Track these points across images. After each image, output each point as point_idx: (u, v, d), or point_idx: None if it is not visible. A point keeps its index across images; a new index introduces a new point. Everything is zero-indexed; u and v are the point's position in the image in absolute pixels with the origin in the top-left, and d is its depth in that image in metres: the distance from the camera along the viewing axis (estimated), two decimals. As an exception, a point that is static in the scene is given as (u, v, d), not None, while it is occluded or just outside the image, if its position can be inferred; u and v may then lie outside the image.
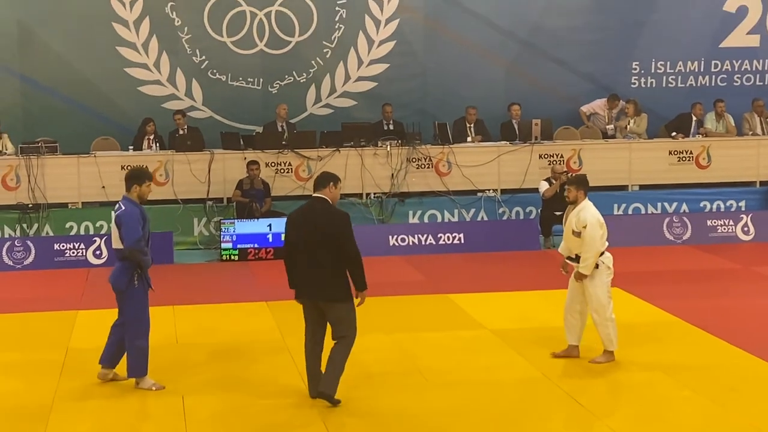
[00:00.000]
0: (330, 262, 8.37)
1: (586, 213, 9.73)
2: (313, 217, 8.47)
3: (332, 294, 8.42)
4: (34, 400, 8.91)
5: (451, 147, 16.81)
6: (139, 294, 9.05)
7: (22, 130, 16.89)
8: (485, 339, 10.75)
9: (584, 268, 9.63)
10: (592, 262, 9.61)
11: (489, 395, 8.93)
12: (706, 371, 9.55)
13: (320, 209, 8.50)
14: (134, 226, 8.90)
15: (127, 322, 9.08)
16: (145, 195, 9.14)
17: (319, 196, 8.57)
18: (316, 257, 8.39)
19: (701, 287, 13.25)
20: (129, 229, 8.90)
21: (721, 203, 17.32)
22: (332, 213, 8.49)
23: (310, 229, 8.42)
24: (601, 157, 17.21)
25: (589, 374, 9.52)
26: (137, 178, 9.13)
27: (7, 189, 15.76)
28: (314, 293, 8.49)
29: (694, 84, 19.00)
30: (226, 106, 17.94)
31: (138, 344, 9.04)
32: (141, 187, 9.09)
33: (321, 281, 8.40)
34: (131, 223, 8.91)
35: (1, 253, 14.86)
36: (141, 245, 8.93)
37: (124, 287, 8.99)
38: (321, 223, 8.40)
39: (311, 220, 8.46)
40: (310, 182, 16.20)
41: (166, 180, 16.11)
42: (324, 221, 8.41)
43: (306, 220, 8.51)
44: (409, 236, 15.95)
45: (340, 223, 8.44)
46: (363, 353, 10.18)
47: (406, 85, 18.36)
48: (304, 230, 8.46)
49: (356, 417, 8.45)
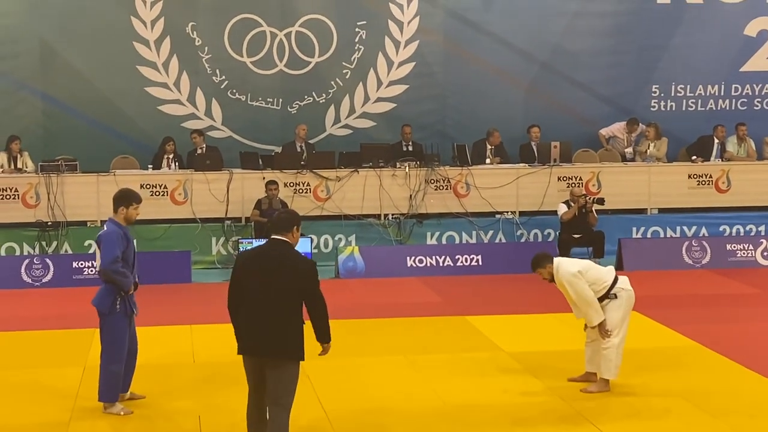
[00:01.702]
0: (286, 313, 7.29)
1: (560, 276, 9.45)
2: (274, 261, 7.35)
3: (283, 350, 7.31)
4: (52, 417, 8.91)
5: (469, 168, 16.80)
6: (120, 318, 8.93)
7: (42, 148, 16.98)
8: (502, 361, 10.71)
9: (591, 322, 9.47)
10: (593, 313, 9.40)
11: (506, 418, 8.89)
12: (725, 396, 9.49)
13: (282, 254, 7.38)
14: (111, 248, 8.79)
15: (104, 345, 8.99)
16: (131, 218, 9.03)
17: (280, 238, 7.45)
18: (271, 307, 7.28)
19: (720, 312, 13.17)
20: (105, 251, 8.80)
21: (741, 227, 17.25)
22: (298, 260, 7.43)
23: (269, 275, 7.30)
24: (620, 180, 17.18)
25: (607, 399, 9.46)
26: (125, 200, 9.03)
27: (27, 206, 15.83)
28: (262, 347, 7.32)
29: (714, 108, 18.97)
30: (246, 125, 18.00)
31: (111, 369, 8.94)
32: (128, 209, 8.99)
33: (272, 334, 7.28)
34: (108, 244, 8.80)
35: (20, 271, 14.92)
36: (116, 267, 8.79)
37: (107, 310, 8.89)
38: (284, 270, 7.30)
39: (271, 264, 7.34)
40: (328, 203, 16.35)
41: (184, 199, 16.16)
42: (288, 268, 7.31)
43: (264, 263, 7.37)
44: (427, 257, 15.94)
45: (309, 271, 7.40)
46: (379, 375, 10.19)
47: (425, 107, 18.39)
48: (261, 275, 7.31)
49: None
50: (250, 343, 7.38)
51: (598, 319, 9.42)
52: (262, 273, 7.32)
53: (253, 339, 7.33)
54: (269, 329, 7.27)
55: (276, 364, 7.30)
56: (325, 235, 16.41)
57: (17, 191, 15.82)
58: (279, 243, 7.45)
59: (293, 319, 7.31)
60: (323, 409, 9.10)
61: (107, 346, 8.98)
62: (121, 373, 9.01)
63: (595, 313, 9.41)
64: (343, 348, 11.27)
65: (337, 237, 16.43)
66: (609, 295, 9.51)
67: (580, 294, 9.38)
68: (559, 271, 9.46)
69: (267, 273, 7.31)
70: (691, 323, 12.22)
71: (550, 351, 11.06)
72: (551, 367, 10.35)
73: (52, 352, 11.18)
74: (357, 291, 14.64)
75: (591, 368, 9.75)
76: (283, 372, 7.32)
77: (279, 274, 7.29)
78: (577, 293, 9.38)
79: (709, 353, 10.98)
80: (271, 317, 7.26)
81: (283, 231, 7.45)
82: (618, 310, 9.54)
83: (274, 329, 7.26)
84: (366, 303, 13.76)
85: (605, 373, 9.52)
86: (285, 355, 7.31)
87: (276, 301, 7.27)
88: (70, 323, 12.42)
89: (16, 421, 8.88)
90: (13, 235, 15.74)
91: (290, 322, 7.29)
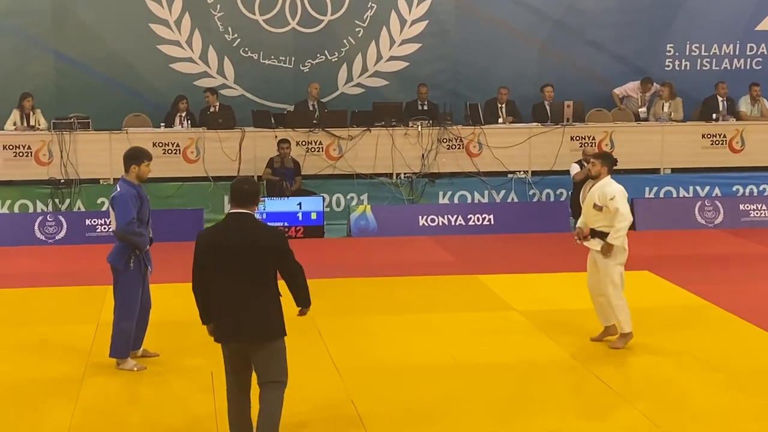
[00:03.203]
0: (262, 292, 6.78)
1: (612, 187, 9.59)
2: (240, 237, 6.74)
3: (265, 331, 6.81)
4: (66, 372, 8.98)
5: (482, 128, 16.74)
6: (133, 276, 8.97)
7: (55, 105, 16.97)
8: (514, 320, 10.74)
9: (615, 239, 9.48)
10: (623, 233, 9.50)
11: (518, 377, 8.92)
12: (736, 355, 9.50)
13: (248, 228, 6.80)
14: (125, 209, 8.80)
15: (117, 302, 9.05)
16: (143, 175, 9.03)
17: (242, 211, 6.85)
18: (245, 287, 6.74)
19: (733, 272, 13.17)
20: (120, 212, 8.82)
21: (754, 187, 17.18)
22: (266, 231, 6.91)
23: (236, 253, 6.71)
24: (633, 140, 17.10)
25: (618, 357, 9.49)
26: (135, 158, 9.02)
27: (39, 164, 15.85)
28: (243, 333, 6.79)
29: (729, 67, 18.84)
30: (258, 84, 17.95)
31: (122, 326, 9.00)
32: (139, 167, 8.98)
33: (251, 316, 6.75)
34: (122, 206, 8.82)
35: (34, 228, 14.99)
36: (132, 227, 8.82)
37: (122, 267, 8.93)
38: (251, 245, 6.72)
39: (236, 241, 6.73)
40: (341, 161, 16.34)
41: (197, 157, 16.17)
42: (255, 242, 6.73)
43: (229, 241, 6.75)
44: (439, 217, 15.95)
45: (279, 242, 6.84)
46: (390, 333, 10.22)
47: (438, 66, 18.30)
48: (227, 254, 6.72)
49: (384, 398, 8.45)
50: (228, 329, 6.81)
51: (620, 241, 9.48)
52: (231, 253, 6.71)
53: (232, 325, 6.77)
54: (248, 312, 6.73)
55: (260, 347, 6.81)
56: (337, 194, 16.41)
57: (30, 149, 15.84)
58: (242, 217, 6.84)
59: (271, 297, 6.79)
60: (335, 367, 9.14)
61: (120, 303, 9.03)
62: (132, 331, 9.05)
63: (624, 235, 9.49)
64: (355, 306, 11.37)
65: (349, 196, 16.42)
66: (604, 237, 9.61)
67: (626, 210, 9.48)
68: (613, 183, 9.61)
69: (236, 252, 6.71)
70: (704, 283, 12.22)
71: (561, 310, 11.08)
72: (563, 325, 10.37)
73: (66, 309, 11.24)
74: (369, 250, 14.67)
75: (607, 321, 9.83)
76: (270, 353, 6.84)
77: (249, 250, 6.71)
78: (624, 208, 9.46)
79: (721, 312, 10.99)
80: (247, 299, 6.73)
81: (248, 204, 6.86)
82: (619, 267, 9.61)
83: (253, 311, 6.74)
84: (378, 262, 13.78)
85: (626, 327, 9.65)
86: (268, 337, 6.81)
87: (250, 281, 6.73)
88: (83, 280, 12.48)
89: (31, 376, 8.95)
90: (26, 193, 15.79)
91: (269, 300, 6.79)
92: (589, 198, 9.75)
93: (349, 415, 8.00)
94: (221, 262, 6.73)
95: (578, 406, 8.32)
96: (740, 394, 8.49)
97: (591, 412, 8.20)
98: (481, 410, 8.12)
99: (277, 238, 6.86)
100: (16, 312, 11.16)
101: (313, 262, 8.98)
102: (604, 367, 9.13)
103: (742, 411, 8.14)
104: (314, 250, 14.26)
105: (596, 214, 9.63)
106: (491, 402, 8.31)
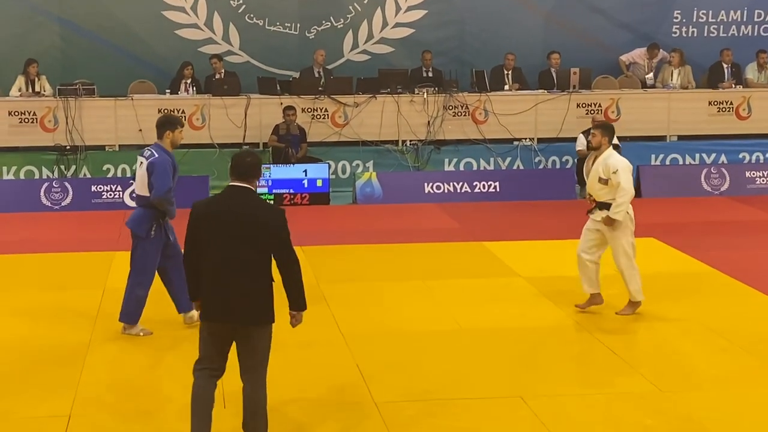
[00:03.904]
0: (254, 273, 6.35)
1: (615, 159, 9.54)
2: (237, 211, 6.38)
3: (257, 315, 6.39)
4: (72, 339, 9.02)
5: (488, 95, 16.70)
6: (154, 244, 8.99)
7: (60, 71, 16.93)
8: (519, 287, 10.76)
9: (617, 214, 9.46)
10: (624, 208, 9.48)
11: (523, 343, 8.94)
12: (742, 321, 9.51)
13: (247, 203, 6.44)
14: (166, 176, 8.81)
15: (134, 269, 9.06)
16: (177, 141, 9.04)
17: (242, 185, 6.48)
18: (237, 267, 6.34)
19: (738, 238, 13.16)
20: (160, 179, 8.79)
21: (761, 155, 17.14)
22: (266, 208, 6.51)
23: (232, 228, 6.34)
24: (639, 107, 17.05)
25: (623, 323, 9.51)
26: (170, 124, 9.01)
27: (45, 130, 15.84)
28: (232, 313, 6.37)
29: (736, 33, 18.74)
30: (263, 51, 17.89)
31: (137, 292, 9.02)
32: (174, 132, 8.97)
33: (242, 297, 6.34)
34: (164, 173, 8.81)
35: (40, 194, 15.01)
36: (170, 196, 8.86)
37: (144, 234, 8.94)
38: (249, 221, 6.36)
39: (234, 215, 6.37)
40: (346, 128, 16.31)
41: (202, 124, 16.14)
42: (254, 219, 6.37)
43: (225, 215, 6.38)
44: (445, 184, 15.94)
45: (278, 222, 6.40)
46: (396, 299, 10.24)
47: (444, 32, 18.22)
48: (223, 228, 6.36)
49: (389, 363, 8.48)
50: (216, 308, 6.39)
51: (622, 216, 9.45)
52: (225, 228, 6.35)
53: (221, 303, 6.37)
54: (239, 292, 6.32)
55: (247, 333, 6.40)
56: (343, 161, 16.40)
57: (35, 115, 15.82)
58: (241, 191, 6.46)
59: (262, 280, 6.37)
60: (340, 332, 9.17)
61: (138, 270, 9.05)
62: (145, 298, 9.07)
63: (626, 209, 9.47)
64: (360, 272, 11.39)
65: (355, 163, 16.41)
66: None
67: (628, 183, 9.44)
68: (616, 155, 9.59)
69: (230, 228, 6.35)
70: (709, 250, 12.23)
71: (566, 277, 11.07)
72: (568, 292, 10.37)
73: (72, 275, 11.27)
74: (374, 217, 14.67)
75: (593, 289, 9.81)
76: (257, 341, 6.43)
77: (244, 228, 6.34)
78: (626, 181, 9.42)
79: (727, 279, 11.00)
80: (238, 278, 6.33)
81: (249, 177, 6.48)
82: (629, 236, 9.61)
83: (244, 291, 6.33)
84: (383, 229, 13.79)
85: (638, 296, 9.65)
86: (256, 321, 6.39)
87: (243, 258, 6.33)
88: (90, 246, 12.51)
89: (37, 342, 8.99)
90: (31, 159, 15.80)
91: (261, 283, 6.36)
92: (594, 171, 9.69)
93: (355, 380, 8.04)
94: (214, 236, 6.36)
95: (583, 372, 8.35)
96: (745, 360, 8.51)
97: (595, 377, 8.22)
98: (485, 375, 8.15)
99: (276, 216, 6.43)
100: (22, 278, 11.19)
101: (319, 229, 9.01)
102: (608, 333, 9.16)
103: (747, 376, 8.17)
104: (320, 217, 14.29)
105: (602, 187, 9.58)
106: (496, 367, 8.33)
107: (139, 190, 9.07)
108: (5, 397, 7.70)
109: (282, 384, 7.53)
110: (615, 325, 9.45)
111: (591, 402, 7.63)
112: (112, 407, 7.52)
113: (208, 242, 6.38)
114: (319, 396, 7.74)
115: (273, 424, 6.63)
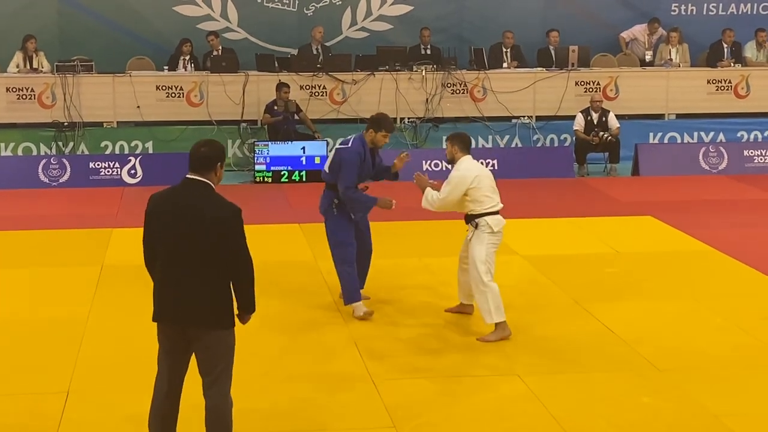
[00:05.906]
0: (207, 273, 5.84)
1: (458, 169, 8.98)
2: (191, 208, 5.86)
3: (208, 316, 5.87)
4: (70, 314, 9.04)
5: (486, 73, 16.67)
6: (339, 221, 9.10)
7: (58, 48, 16.90)
8: (517, 265, 10.76)
9: (424, 200, 9.12)
10: (430, 199, 9.05)
11: (521, 320, 8.94)
12: (738, 300, 9.54)
13: (198, 199, 5.88)
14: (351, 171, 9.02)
15: (330, 246, 9.20)
16: (378, 143, 9.16)
17: (198, 179, 5.92)
18: (188, 264, 5.84)
19: (736, 217, 13.16)
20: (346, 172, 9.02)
21: (759, 133, 17.15)
22: (217, 206, 5.89)
23: (183, 226, 5.84)
24: (638, 85, 17.04)
25: (621, 301, 9.53)
26: (377, 125, 9.08)
27: (43, 107, 15.82)
28: (184, 315, 5.87)
29: (735, 12, 18.69)
30: (261, 28, 17.84)
31: (340, 269, 9.09)
32: (377, 134, 9.05)
33: (195, 299, 5.83)
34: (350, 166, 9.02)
35: (38, 171, 14.99)
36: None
37: (323, 210, 9.13)
38: (202, 219, 5.81)
39: (187, 212, 5.85)
40: (344, 106, 16.28)
41: (200, 101, 16.11)
42: (207, 216, 5.82)
43: (179, 211, 5.87)
44: (443, 161, 15.88)
45: (232, 221, 5.89)
46: (395, 277, 10.26)
47: (443, 9, 18.17)
48: (173, 226, 5.87)
49: (385, 337, 8.51)
50: (167, 308, 5.92)
51: (425, 203, 9.12)
52: (175, 223, 5.86)
53: (173, 304, 5.89)
54: (187, 293, 5.84)
55: (205, 335, 5.88)
56: (341, 139, 16.30)
57: (33, 91, 15.79)
58: (195, 185, 5.91)
59: (218, 281, 5.88)
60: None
61: (332, 246, 9.20)
62: (352, 274, 9.05)
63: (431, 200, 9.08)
64: (358, 249, 11.35)
65: (353, 140, 16.36)
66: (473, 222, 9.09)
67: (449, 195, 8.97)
68: (461, 166, 9.01)
69: (180, 223, 5.85)
70: (706, 228, 12.24)
71: (565, 255, 11.12)
72: (566, 270, 10.40)
73: (70, 251, 11.27)
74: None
75: (462, 299, 9.21)
76: (214, 347, 5.91)
77: (194, 224, 5.82)
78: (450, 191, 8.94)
79: (723, 257, 11.02)
80: (188, 277, 5.84)
81: (202, 170, 5.92)
82: (482, 247, 8.99)
83: (192, 293, 5.84)
84: (381, 206, 13.75)
85: (486, 318, 8.55)
86: (211, 324, 5.87)
87: (193, 258, 5.83)
88: (88, 223, 12.51)
89: (35, 317, 9.02)
90: (29, 135, 15.77)
91: (213, 285, 5.86)
92: None
93: (352, 356, 8.09)
94: (163, 232, 5.90)
95: (581, 350, 8.36)
96: (742, 339, 8.54)
97: (593, 354, 8.23)
98: (483, 352, 8.18)
99: (228, 213, 5.88)
100: (20, 254, 11.19)
101: (317, 206, 9.01)
102: (607, 312, 9.17)
103: (744, 355, 8.19)
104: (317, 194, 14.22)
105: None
106: (493, 344, 8.36)
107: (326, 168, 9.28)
108: (3, 373, 7.72)
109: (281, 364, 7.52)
110: (613, 303, 9.46)
111: (588, 380, 7.66)
112: (110, 383, 7.55)
113: (160, 239, 5.93)
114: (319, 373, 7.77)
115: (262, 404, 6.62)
